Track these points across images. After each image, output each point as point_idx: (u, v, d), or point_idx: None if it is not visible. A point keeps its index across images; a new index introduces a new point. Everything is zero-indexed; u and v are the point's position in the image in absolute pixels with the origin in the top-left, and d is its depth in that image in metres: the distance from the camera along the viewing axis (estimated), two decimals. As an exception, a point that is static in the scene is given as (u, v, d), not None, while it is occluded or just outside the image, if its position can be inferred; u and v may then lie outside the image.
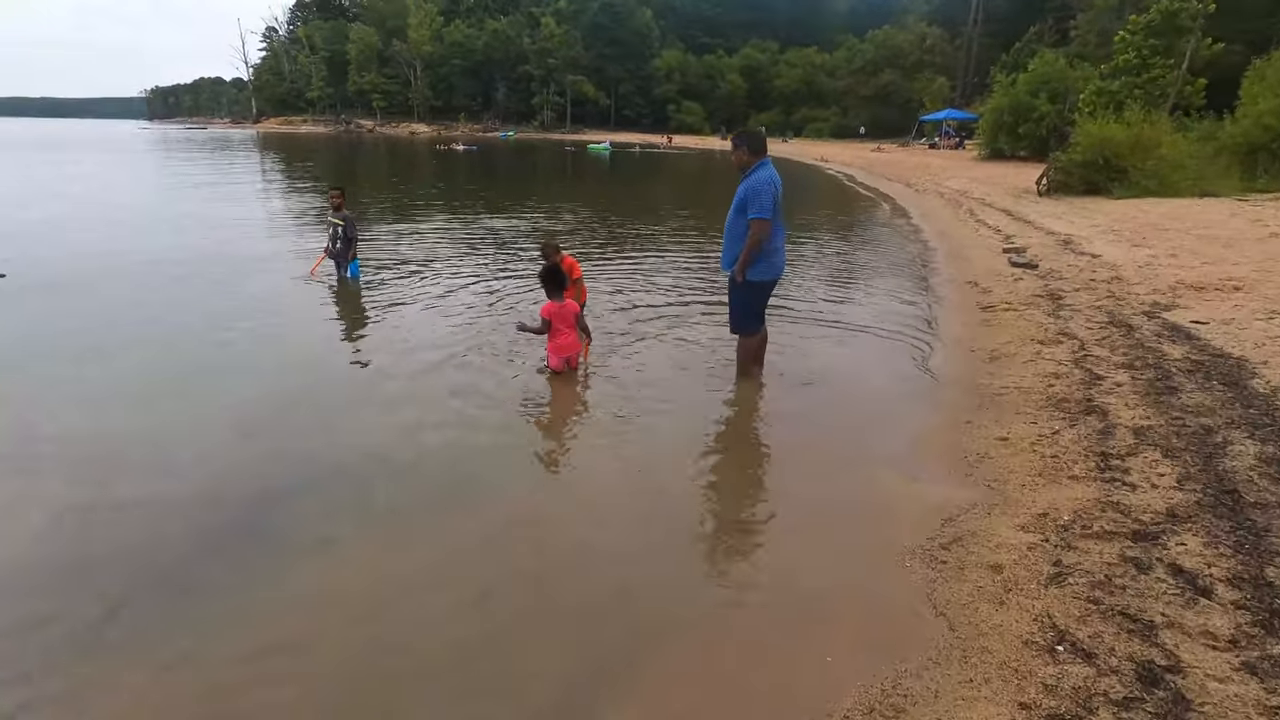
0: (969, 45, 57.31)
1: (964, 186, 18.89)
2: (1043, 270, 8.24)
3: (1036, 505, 3.15)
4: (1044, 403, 4.32)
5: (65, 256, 8.84)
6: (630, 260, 9.54)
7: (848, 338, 6.25)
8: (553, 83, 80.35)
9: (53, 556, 2.91)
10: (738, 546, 3.10)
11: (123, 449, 3.84)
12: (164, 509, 3.27)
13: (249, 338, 5.84)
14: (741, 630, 2.55)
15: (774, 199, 4.39)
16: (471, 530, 3.16)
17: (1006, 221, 12.42)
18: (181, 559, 2.92)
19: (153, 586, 2.73)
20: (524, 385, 4.85)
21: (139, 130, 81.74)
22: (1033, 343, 5.57)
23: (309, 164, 29.97)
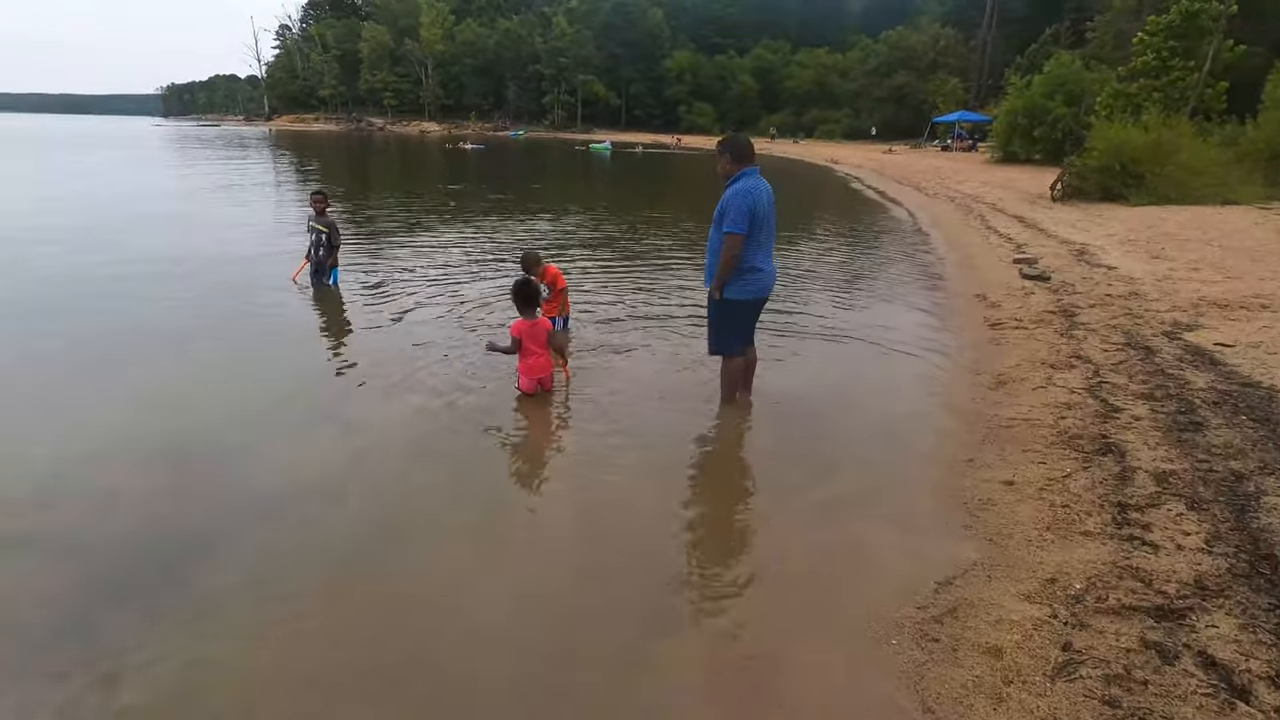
0: (983, 47, 56.56)
1: (976, 191, 18.41)
2: (1055, 283, 7.82)
3: (1044, 568, 2.77)
4: (1055, 439, 3.93)
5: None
6: (618, 264, 9.19)
7: (842, 355, 5.87)
8: (564, 82, 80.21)
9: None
10: (692, 613, 2.69)
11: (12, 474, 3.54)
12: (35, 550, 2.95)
13: (215, 344, 5.56)
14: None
15: (751, 212, 4.01)
16: (374, 602, 2.73)
17: (1019, 229, 11.97)
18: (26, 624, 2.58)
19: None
20: (490, 410, 4.51)
21: (153, 127, 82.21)
22: (1043, 366, 5.17)
23: (316, 162, 29.80)
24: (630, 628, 2.60)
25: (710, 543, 3.17)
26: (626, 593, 2.80)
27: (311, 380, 5.06)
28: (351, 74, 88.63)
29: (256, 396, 4.70)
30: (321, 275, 7.47)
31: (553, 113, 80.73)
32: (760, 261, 4.21)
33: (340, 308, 6.96)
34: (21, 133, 55.27)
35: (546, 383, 4.75)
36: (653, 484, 3.63)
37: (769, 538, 3.19)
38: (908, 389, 5.03)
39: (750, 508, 3.48)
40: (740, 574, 2.92)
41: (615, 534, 3.21)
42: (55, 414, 4.30)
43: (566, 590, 2.83)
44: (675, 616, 2.67)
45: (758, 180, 4.13)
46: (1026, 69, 33.52)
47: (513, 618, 2.64)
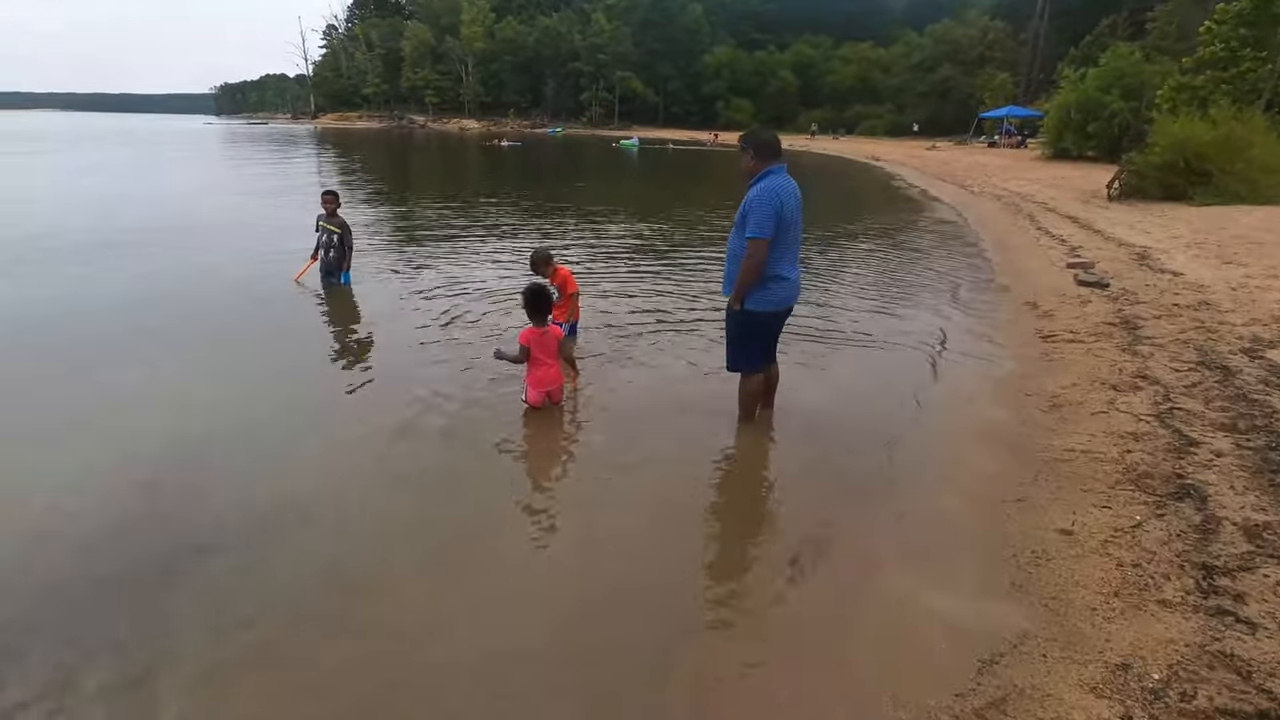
0: (1035, 39, 54.43)
1: (1025, 189, 17.49)
2: (1115, 290, 7.16)
3: (1114, 648, 2.29)
4: (1120, 477, 3.41)
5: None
6: (637, 265, 8.78)
7: (873, 370, 5.37)
8: (602, 79, 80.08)
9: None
10: (686, 689, 2.30)
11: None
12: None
13: (211, 346, 5.34)
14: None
15: (777, 214, 3.58)
16: (345, 629, 2.47)
17: (1072, 230, 11.20)
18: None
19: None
20: (495, 424, 4.16)
21: (205, 125, 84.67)
22: (1104, 387, 4.61)
23: (357, 159, 30.06)
24: (620, 684, 2.21)
25: (711, 601, 2.70)
26: (617, 653, 2.41)
27: (305, 388, 4.81)
28: (394, 72, 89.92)
29: (246, 404, 4.43)
30: (332, 276, 7.25)
31: (590, 110, 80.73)
32: (785, 269, 3.78)
33: (351, 309, 6.71)
34: (85, 130, 57.28)
35: (555, 395, 4.39)
36: (656, 521, 3.21)
37: (778, 594, 2.72)
38: (947, 411, 4.52)
39: (760, 555, 3.01)
40: (743, 644, 2.48)
41: (609, 579, 2.80)
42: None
43: (553, 638, 2.45)
44: (664, 695, 2.27)
45: (784, 179, 3.69)
46: (1081, 62, 31.99)
47: (485, 662, 2.27)
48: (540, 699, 2.22)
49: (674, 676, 2.30)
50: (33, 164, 24.20)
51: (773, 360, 4.20)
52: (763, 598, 2.71)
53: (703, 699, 2.22)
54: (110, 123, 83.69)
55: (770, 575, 2.85)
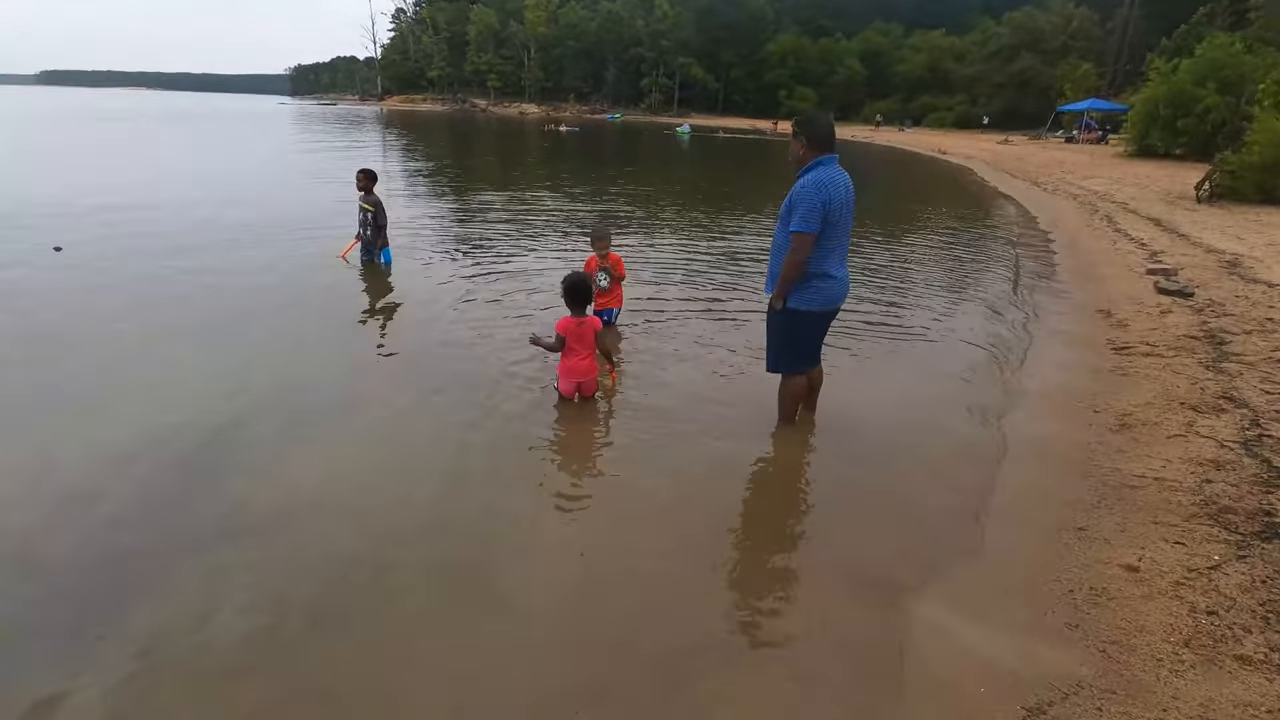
0: (1123, 28, 51.27)
1: (1103, 188, 16.48)
2: (1199, 301, 6.62)
3: (1182, 707, 2.05)
4: (1197, 510, 3.09)
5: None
6: (682, 254, 8.58)
7: (927, 373, 5.08)
8: (662, 65, 79.50)
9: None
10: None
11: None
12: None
13: (244, 324, 5.44)
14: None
15: (824, 208, 3.36)
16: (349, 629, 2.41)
17: (1154, 233, 10.47)
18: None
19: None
20: (523, 416, 4.08)
21: (279, 105, 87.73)
22: (1183, 408, 4.23)
23: (420, 141, 30.60)
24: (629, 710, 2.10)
25: (730, 629, 2.52)
26: (627, 669, 2.29)
27: (331, 368, 4.78)
28: (459, 55, 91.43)
29: (272, 384, 4.43)
30: (370, 254, 7.34)
31: (650, 96, 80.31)
32: (832, 267, 3.56)
33: (386, 289, 6.77)
34: (173, 110, 60.03)
35: (586, 388, 4.28)
36: (682, 528, 3.07)
37: (807, 622, 2.53)
38: (1003, 425, 4.21)
39: (788, 574, 2.81)
40: (751, 674, 2.31)
41: (624, 593, 2.67)
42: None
43: (557, 653, 2.35)
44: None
45: (835, 171, 3.47)
46: (1173, 52, 29.91)
47: (470, 689, 2.19)
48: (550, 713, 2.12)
49: (680, 701, 2.16)
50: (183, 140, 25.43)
51: (817, 362, 3.99)
52: (780, 624, 2.53)
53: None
54: (200, 103, 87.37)
55: (790, 600, 2.66)
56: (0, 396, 4.11)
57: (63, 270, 6.77)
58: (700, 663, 2.32)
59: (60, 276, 6.57)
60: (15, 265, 6.78)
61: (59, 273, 6.68)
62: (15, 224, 8.60)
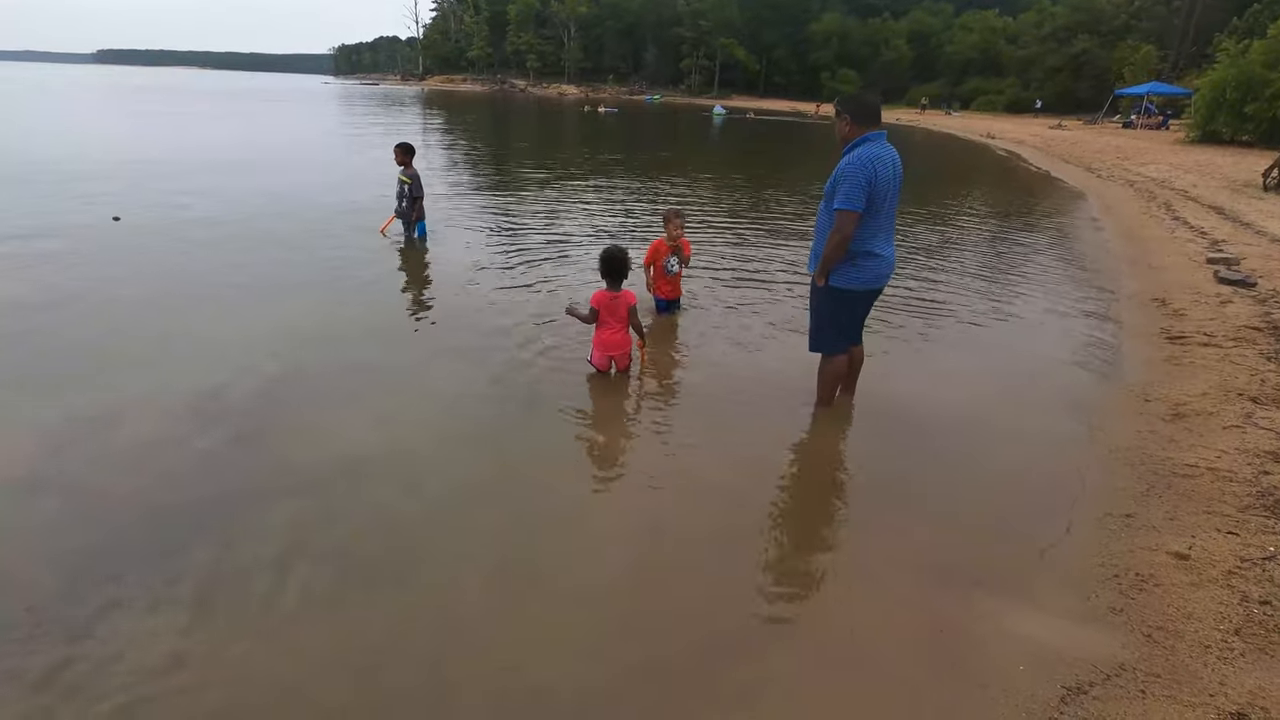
0: (1190, 7, 48.81)
1: (1163, 175, 15.82)
2: (1262, 291, 6.36)
3: (1230, 694, 2.01)
4: (1252, 500, 3.00)
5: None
6: (719, 233, 8.51)
7: (974, 359, 5.00)
8: (704, 46, 78.37)
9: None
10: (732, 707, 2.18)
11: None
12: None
13: (280, 293, 5.60)
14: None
15: (868, 185, 3.30)
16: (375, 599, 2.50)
17: (1215, 222, 10.04)
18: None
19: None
20: (556, 388, 4.14)
21: (323, 85, 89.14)
22: (1240, 399, 4.09)
23: (459, 121, 30.84)
24: (664, 699, 2.14)
25: (767, 603, 2.53)
26: (662, 653, 2.33)
27: (368, 339, 4.88)
28: (499, 36, 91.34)
29: (301, 353, 4.54)
30: (407, 227, 7.46)
31: (690, 77, 79.35)
32: (878, 245, 3.51)
33: (423, 263, 6.91)
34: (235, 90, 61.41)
35: (621, 361, 4.32)
36: (713, 510, 3.08)
37: (845, 601, 2.53)
38: (1053, 410, 4.13)
39: (826, 555, 2.82)
40: (796, 657, 2.31)
41: (655, 574, 2.69)
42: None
43: (599, 629, 2.40)
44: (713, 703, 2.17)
45: (883, 147, 3.41)
46: (1244, 33, 28.46)
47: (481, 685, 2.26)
48: (579, 701, 2.17)
49: (720, 687, 2.19)
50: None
51: (858, 341, 3.95)
52: (821, 605, 2.55)
53: (754, 707, 2.10)
54: (248, 82, 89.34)
55: (829, 582, 2.66)
56: (62, 352, 4.33)
57: (127, 236, 7.05)
58: (742, 645, 2.34)
59: (123, 241, 6.85)
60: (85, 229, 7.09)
61: (123, 238, 6.96)
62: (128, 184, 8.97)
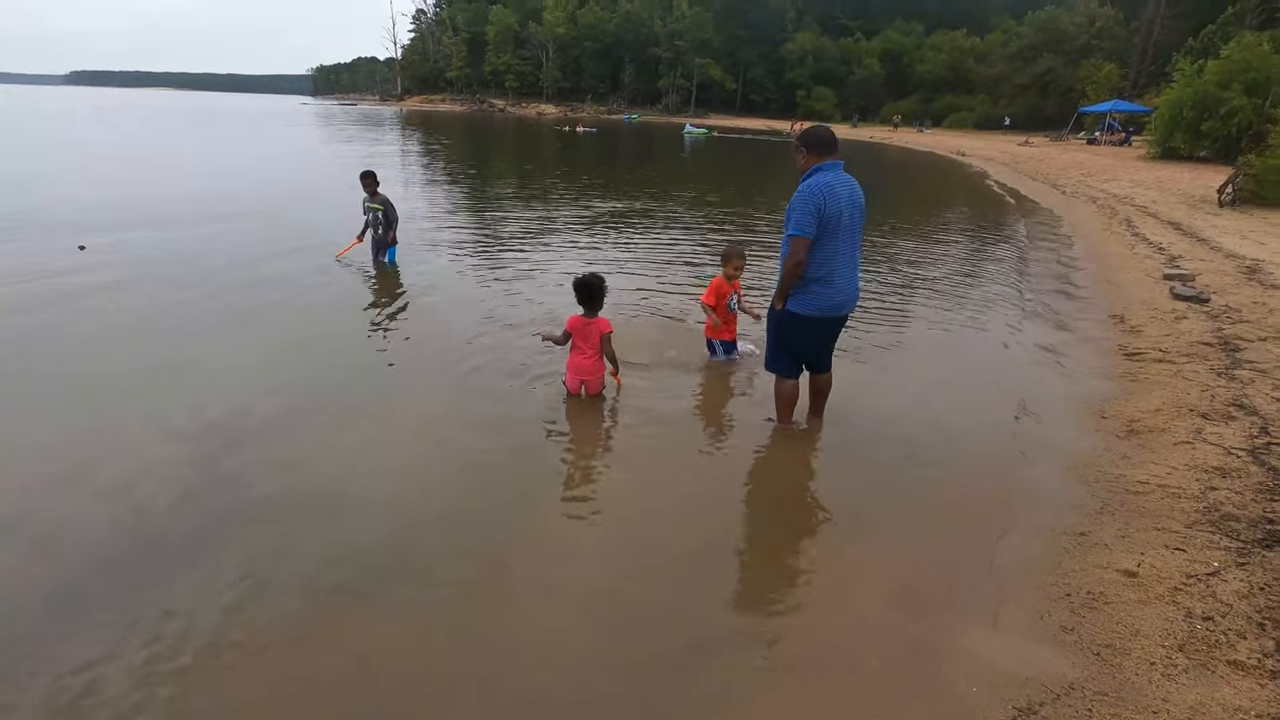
0: (1148, 28, 50.51)
1: (1125, 191, 16.29)
2: (1215, 307, 6.57)
3: (1172, 711, 2.08)
4: (1199, 517, 3.11)
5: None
6: (691, 259, 8.63)
7: (937, 376, 5.09)
8: (680, 66, 79.51)
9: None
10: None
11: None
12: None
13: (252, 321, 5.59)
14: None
15: (818, 212, 3.41)
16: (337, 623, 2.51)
17: (1173, 237, 10.35)
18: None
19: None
20: (532, 410, 4.19)
21: (300, 105, 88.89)
22: (1192, 415, 4.22)
23: (437, 141, 30.90)
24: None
25: (716, 619, 2.60)
26: (638, 668, 2.36)
27: (342, 366, 4.90)
28: (477, 56, 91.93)
29: (275, 382, 4.55)
30: (381, 253, 7.52)
31: (667, 96, 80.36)
32: (834, 273, 3.59)
33: (395, 287, 6.94)
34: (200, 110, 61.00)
35: (591, 386, 4.38)
36: (669, 525, 3.14)
37: (798, 623, 2.57)
38: (1010, 429, 4.23)
39: (783, 576, 2.86)
40: (761, 669, 2.39)
41: (632, 592, 2.75)
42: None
43: (574, 651, 2.42)
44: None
45: (835, 175, 3.51)
46: (1199, 53, 29.47)
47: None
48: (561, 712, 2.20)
49: (695, 695, 2.23)
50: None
51: (821, 370, 4.03)
52: (775, 627, 2.58)
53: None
54: (223, 102, 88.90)
55: (788, 599, 2.72)
56: (51, 383, 4.29)
57: (92, 268, 6.98)
58: (706, 661, 2.38)
59: (91, 274, 6.78)
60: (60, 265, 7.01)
61: (89, 272, 6.89)
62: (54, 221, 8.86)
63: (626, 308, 6.30)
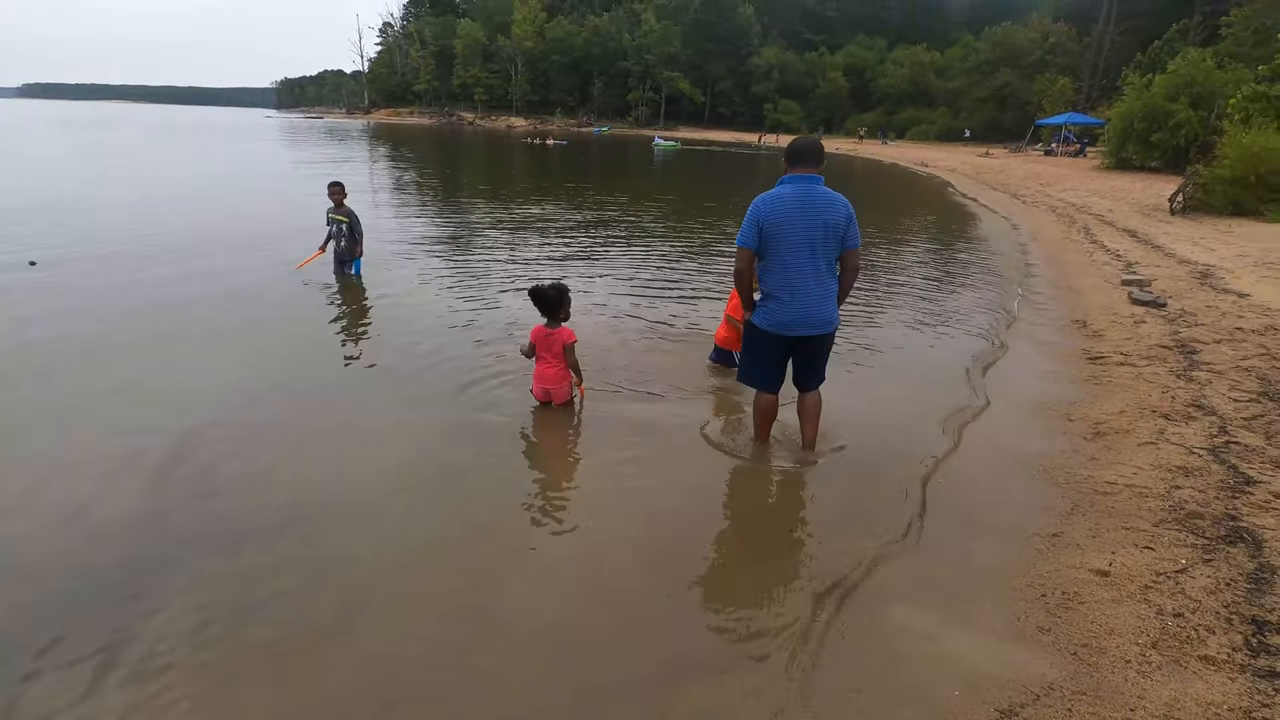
0: (1099, 44, 52.46)
1: (1082, 200, 16.82)
2: (1172, 311, 6.78)
3: (1147, 707, 2.12)
4: (1165, 515, 3.18)
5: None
6: (666, 271, 8.67)
7: (905, 383, 5.15)
8: (649, 79, 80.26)
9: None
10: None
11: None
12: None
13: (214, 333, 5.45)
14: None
15: (757, 223, 3.41)
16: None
17: (1130, 245, 10.70)
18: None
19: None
20: (500, 421, 4.16)
21: (265, 119, 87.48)
22: (1154, 415, 4.34)
23: (405, 153, 30.66)
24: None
25: (682, 633, 2.60)
26: (613, 683, 2.33)
27: (309, 381, 4.81)
28: (446, 69, 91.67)
29: (253, 397, 4.43)
30: (345, 265, 7.41)
31: (637, 109, 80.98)
32: (786, 289, 3.47)
33: (362, 299, 6.86)
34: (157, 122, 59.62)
35: (556, 396, 4.35)
36: (648, 544, 3.12)
37: (785, 632, 2.57)
38: (979, 434, 4.29)
39: (763, 589, 2.83)
40: (737, 685, 2.39)
41: (599, 610, 2.73)
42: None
43: (544, 667, 2.38)
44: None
45: (795, 188, 3.41)
46: (1148, 67, 30.67)
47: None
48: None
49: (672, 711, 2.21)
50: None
51: (803, 388, 3.81)
52: (758, 636, 2.58)
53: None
54: (186, 116, 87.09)
55: (769, 612, 2.71)
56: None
57: (41, 285, 6.75)
58: (684, 676, 2.36)
59: (41, 290, 6.55)
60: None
61: (38, 289, 6.66)
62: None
63: (599, 317, 6.29)
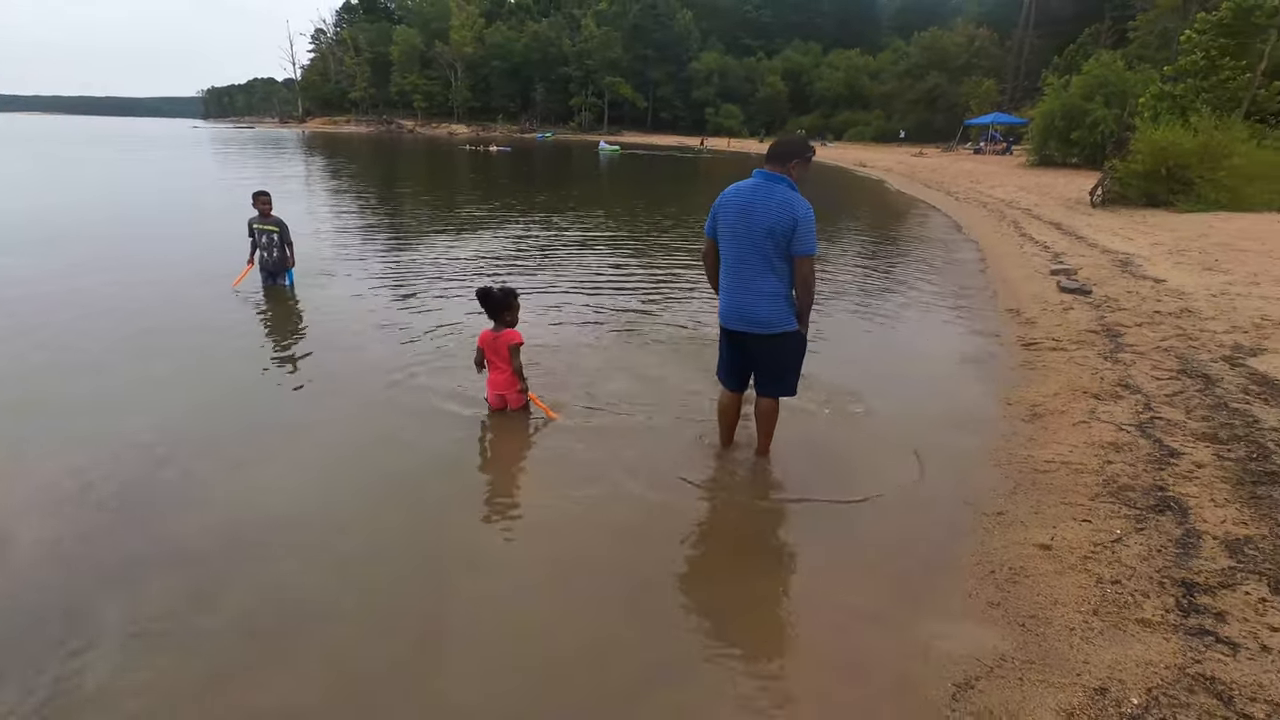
0: (1019, 47, 55.10)
1: (1010, 195, 17.58)
2: (1097, 298, 7.15)
3: (1092, 671, 2.22)
4: (1100, 489, 3.35)
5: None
6: (631, 269, 8.70)
7: (847, 375, 5.27)
8: (591, 84, 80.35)
9: None
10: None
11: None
12: None
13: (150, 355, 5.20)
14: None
15: (713, 215, 3.48)
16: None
17: (1056, 237, 11.24)
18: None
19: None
20: (451, 432, 4.07)
21: (191, 129, 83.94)
22: (1085, 396, 4.56)
23: (342, 163, 29.85)
24: None
25: (642, 621, 2.61)
26: (583, 692, 2.31)
27: (248, 397, 4.64)
28: (383, 77, 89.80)
29: (190, 415, 4.25)
30: (275, 278, 7.09)
31: (580, 115, 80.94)
32: (722, 278, 3.52)
33: (295, 311, 6.62)
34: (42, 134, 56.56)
35: (512, 401, 4.27)
36: (614, 547, 3.12)
37: (727, 607, 2.63)
38: (923, 420, 4.44)
39: (716, 571, 2.91)
40: (705, 676, 2.41)
41: (563, 619, 2.71)
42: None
43: (511, 681, 2.35)
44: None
45: (747, 183, 3.41)
46: (1065, 69, 32.37)
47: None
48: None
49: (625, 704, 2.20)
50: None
51: (759, 390, 3.72)
52: (720, 616, 2.62)
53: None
54: (105, 127, 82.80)
55: (727, 594, 2.75)
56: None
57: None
58: (652, 676, 2.36)
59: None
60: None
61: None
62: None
63: (555, 322, 6.25)
